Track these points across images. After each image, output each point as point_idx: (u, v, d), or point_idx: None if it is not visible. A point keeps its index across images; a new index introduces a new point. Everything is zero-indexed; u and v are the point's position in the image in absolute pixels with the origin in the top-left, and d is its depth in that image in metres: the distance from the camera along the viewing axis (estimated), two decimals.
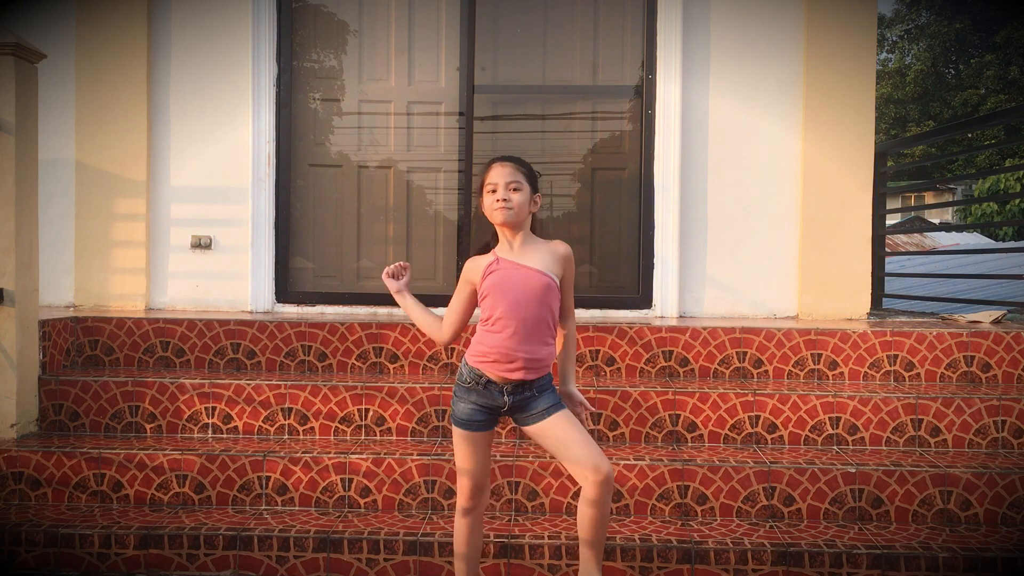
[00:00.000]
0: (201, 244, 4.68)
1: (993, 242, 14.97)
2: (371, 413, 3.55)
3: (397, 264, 2.74)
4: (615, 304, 4.68)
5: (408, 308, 2.70)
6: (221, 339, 3.90)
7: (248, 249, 4.67)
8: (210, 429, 3.57)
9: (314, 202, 4.85)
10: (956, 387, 3.69)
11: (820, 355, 3.80)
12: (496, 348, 2.46)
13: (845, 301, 4.54)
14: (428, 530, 3.02)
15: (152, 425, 3.57)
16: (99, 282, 4.60)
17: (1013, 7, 26.78)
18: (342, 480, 3.26)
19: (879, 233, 5.38)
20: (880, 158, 5.31)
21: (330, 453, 3.29)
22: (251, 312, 4.59)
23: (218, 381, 3.59)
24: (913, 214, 20.56)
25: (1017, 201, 16.77)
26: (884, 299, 5.60)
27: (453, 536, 2.68)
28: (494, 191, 2.49)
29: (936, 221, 21.67)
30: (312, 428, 3.56)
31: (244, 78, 4.67)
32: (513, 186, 2.49)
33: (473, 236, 4.76)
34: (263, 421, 3.56)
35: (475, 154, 4.75)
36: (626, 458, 3.24)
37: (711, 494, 3.20)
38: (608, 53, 4.81)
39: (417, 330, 3.84)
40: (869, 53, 4.57)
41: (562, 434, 2.47)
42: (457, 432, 2.55)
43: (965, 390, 3.61)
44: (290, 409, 3.56)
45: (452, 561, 2.91)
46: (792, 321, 4.36)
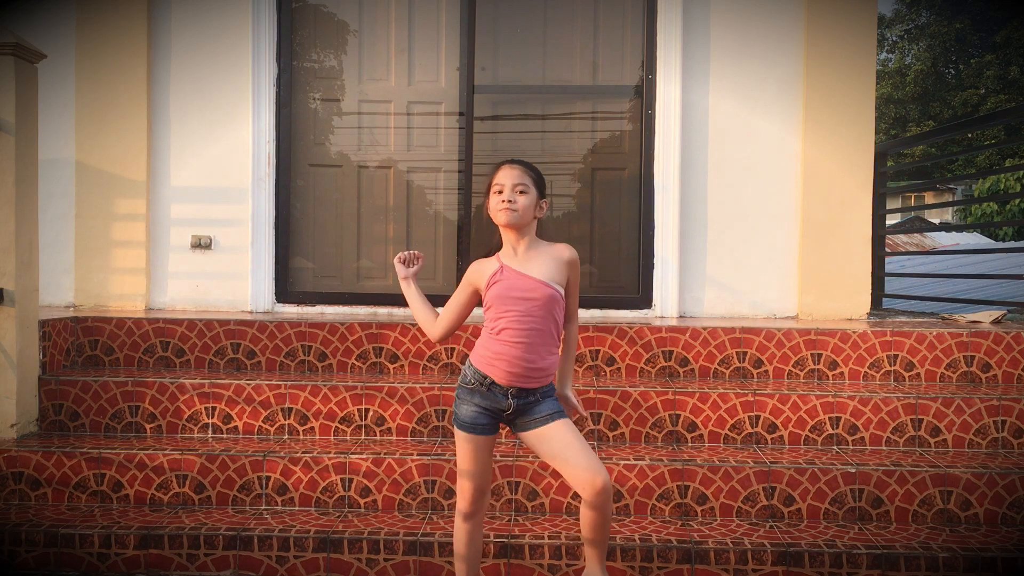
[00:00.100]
0: (201, 244, 4.68)
1: (993, 242, 14.97)
2: (371, 413, 3.55)
3: (412, 252, 2.73)
4: (615, 304, 4.68)
5: (410, 296, 2.70)
6: (221, 339, 3.90)
7: (248, 249, 4.67)
8: (210, 429, 3.57)
9: (314, 202, 4.85)
10: (956, 387, 3.69)
11: (820, 355, 3.80)
12: (501, 355, 2.46)
13: (845, 301, 4.54)
14: (428, 530, 3.02)
15: (152, 425, 3.58)
16: (99, 282, 4.60)
17: (1013, 7, 26.78)
18: (342, 480, 3.26)
19: (879, 233, 5.38)
20: (880, 158, 5.31)
21: (330, 453, 3.29)
22: (251, 312, 4.59)
23: (218, 381, 3.59)
24: (913, 214, 20.56)
25: (1017, 201, 16.76)
26: (884, 299, 5.60)
27: (453, 537, 2.67)
28: (500, 192, 2.49)
29: (936, 221, 21.67)
30: (312, 428, 3.56)
31: (244, 78, 4.67)
32: (520, 188, 2.48)
33: (473, 236, 4.76)
34: (263, 421, 3.56)
35: (475, 154, 4.75)
36: (626, 458, 3.24)
37: (711, 494, 3.20)
38: (608, 53, 4.81)
39: (418, 329, 3.84)
40: (869, 53, 4.57)
41: (561, 443, 2.44)
42: (460, 435, 2.53)
43: (965, 390, 3.61)
44: (290, 409, 3.56)
45: (452, 561, 2.91)
46: (792, 321, 4.36)
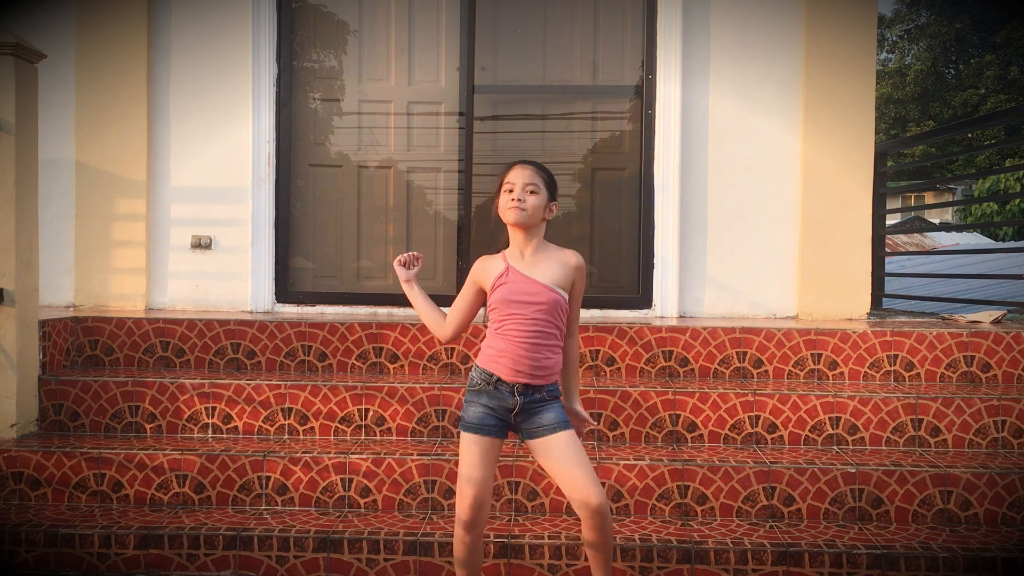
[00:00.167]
0: (201, 244, 4.68)
1: (993, 242, 14.97)
2: (371, 413, 3.55)
3: (411, 253, 2.71)
4: (615, 304, 4.68)
5: (415, 300, 2.68)
6: (221, 339, 3.90)
7: (248, 249, 4.67)
8: (210, 429, 3.57)
9: (314, 202, 4.85)
10: (956, 387, 3.69)
11: (820, 355, 3.80)
12: (504, 352, 2.47)
13: (845, 301, 4.54)
14: (428, 530, 3.02)
15: (152, 425, 3.57)
16: (99, 282, 4.60)
17: (1013, 7, 26.78)
18: (342, 480, 3.26)
19: (879, 233, 5.38)
20: (880, 158, 5.31)
21: (330, 453, 3.29)
22: (251, 312, 4.59)
23: (218, 381, 3.59)
24: (913, 214, 20.56)
25: (1017, 201, 16.77)
26: (884, 299, 5.60)
27: (453, 544, 2.59)
28: (511, 191, 2.48)
29: (936, 221, 21.67)
30: (312, 428, 3.56)
31: (244, 78, 4.67)
32: (530, 188, 2.48)
33: (473, 236, 4.76)
34: (263, 421, 3.56)
35: (475, 154, 4.75)
36: (626, 458, 3.24)
37: (711, 494, 3.20)
38: (608, 53, 4.81)
39: (418, 329, 3.84)
40: (869, 53, 4.57)
41: (563, 457, 2.43)
42: (465, 437, 2.50)
43: (965, 390, 3.61)
44: (290, 409, 3.56)
45: (452, 561, 2.91)
46: (792, 321, 4.36)
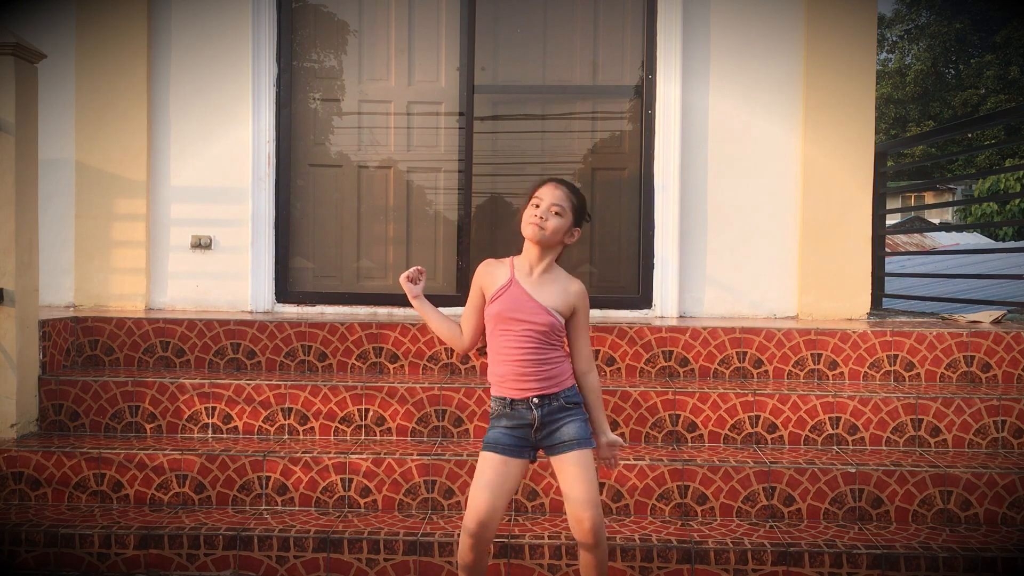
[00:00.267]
0: (201, 244, 4.68)
1: (993, 242, 14.97)
2: (371, 413, 3.55)
3: (416, 268, 2.67)
4: (615, 304, 4.67)
5: (427, 315, 2.64)
6: (221, 339, 3.90)
7: (248, 249, 4.67)
8: (210, 429, 3.57)
9: (314, 202, 4.85)
10: (956, 387, 3.69)
11: (820, 355, 3.80)
12: (505, 376, 2.47)
13: (845, 301, 4.54)
14: (428, 530, 3.02)
15: (152, 425, 3.57)
16: (99, 282, 4.60)
17: (1013, 7, 26.79)
18: (342, 480, 3.26)
19: (879, 233, 5.38)
20: (880, 158, 5.31)
21: (330, 453, 3.29)
22: (251, 312, 4.59)
23: (218, 381, 3.59)
24: (913, 214, 20.56)
25: (1017, 201, 16.77)
26: (884, 299, 5.59)
27: (458, 548, 2.52)
28: (537, 206, 2.47)
29: (936, 221, 21.67)
30: (312, 428, 3.56)
31: (244, 78, 4.67)
32: (556, 209, 2.46)
33: (473, 236, 4.76)
34: (263, 421, 3.56)
35: (475, 154, 4.75)
36: (626, 458, 3.24)
37: (711, 494, 3.20)
38: (608, 53, 4.81)
39: (418, 329, 3.84)
40: (869, 53, 4.57)
41: (570, 475, 2.43)
42: (481, 455, 2.49)
43: (965, 390, 3.61)
44: (290, 409, 3.56)
45: (452, 561, 2.91)
46: (792, 321, 4.36)
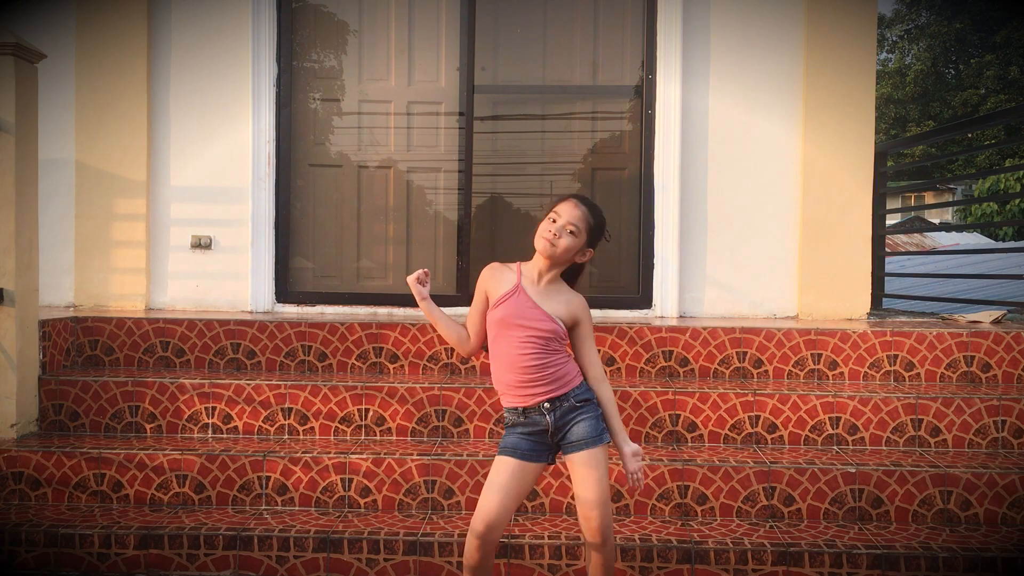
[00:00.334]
0: (201, 244, 4.68)
1: (993, 242, 14.97)
2: (371, 413, 3.55)
3: (423, 271, 2.64)
4: (615, 304, 4.67)
5: (434, 318, 2.63)
6: (221, 339, 3.90)
7: (248, 249, 4.66)
8: (210, 429, 3.57)
9: (314, 202, 4.85)
10: (956, 387, 3.69)
11: (820, 355, 3.80)
12: (512, 383, 2.47)
13: (845, 301, 4.54)
14: (428, 530, 3.02)
15: (152, 425, 3.57)
16: (99, 282, 4.60)
17: (1013, 7, 26.79)
18: (342, 480, 3.26)
19: (879, 233, 5.38)
20: (880, 158, 5.31)
21: (330, 453, 3.29)
22: (251, 312, 4.59)
23: (218, 381, 3.59)
24: (913, 214, 20.56)
25: (1017, 201, 16.77)
26: (884, 299, 5.60)
27: (464, 548, 2.51)
28: (554, 221, 2.47)
29: (936, 221, 21.67)
30: (312, 428, 3.56)
31: (244, 78, 4.67)
32: (571, 228, 2.46)
33: (473, 236, 4.76)
34: (263, 421, 3.56)
35: (475, 154, 4.75)
36: None
37: (711, 494, 3.20)
38: (608, 53, 4.81)
39: (418, 329, 3.84)
40: (869, 53, 4.57)
41: (578, 474, 2.45)
42: (496, 459, 2.49)
43: (965, 390, 3.61)
44: (290, 409, 3.56)
45: (452, 561, 2.92)
46: (792, 321, 4.36)
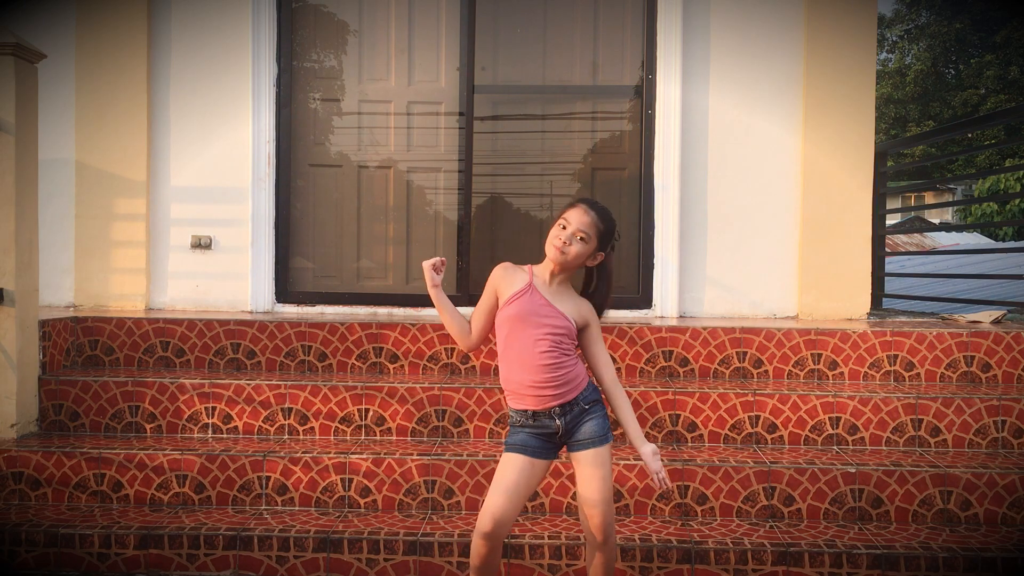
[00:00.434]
0: (201, 244, 4.68)
1: (993, 242, 14.97)
2: (371, 413, 3.55)
3: (440, 259, 2.61)
4: (615, 304, 4.61)
5: (441, 306, 2.60)
6: (221, 339, 3.90)
7: (248, 249, 4.66)
8: (210, 429, 3.57)
9: (314, 202, 4.85)
10: (956, 387, 3.69)
11: (820, 355, 3.80)
12: (525, 385, 2.44)
13: (845, 301, 4.54)
14: (428, 530, 3.02)
15: (152, 425, 3.57)
16: (99, 282, 4.60)
17: (1013, 7, 26.78)
18: (342, 480, 3.26)
19: (879, 233, 5.38)
20: (880, 158, 5.31)
21: (330, 453, 3.29)
22: (251, 312, 4.59)
23: (218, 381, 3.59)
24: (913, 214, 20.56)
25: (1017, 201, 16.78)
26: (884, 299, 5.60)
27: (470, 550, 2.51)
28: (564, 228, 2.46)
29: (936, 221, 21.67)
30: (312, 428, 3.56)
31: (244, 78, 4.67)
32: (581, 235, 2.45)
33: (473, 236, 4.76)
34: (263, 421, 3.56)
35: (475, 154, 4.75)
36: (626, 458, 3.24)
37: (711, 494, 3.20)
38: (608, 53, 4.81)
39: (418, 329, 3.84)
40: (869, 53, 4.57)
41: (583, 473, 2.44)
42: (504, 456, 2.47)
43: (965, 390, 3.61)
44: (290, 409, 3.56)
45: (452, 561, 2.92)
46: (792, 321, 4.36)
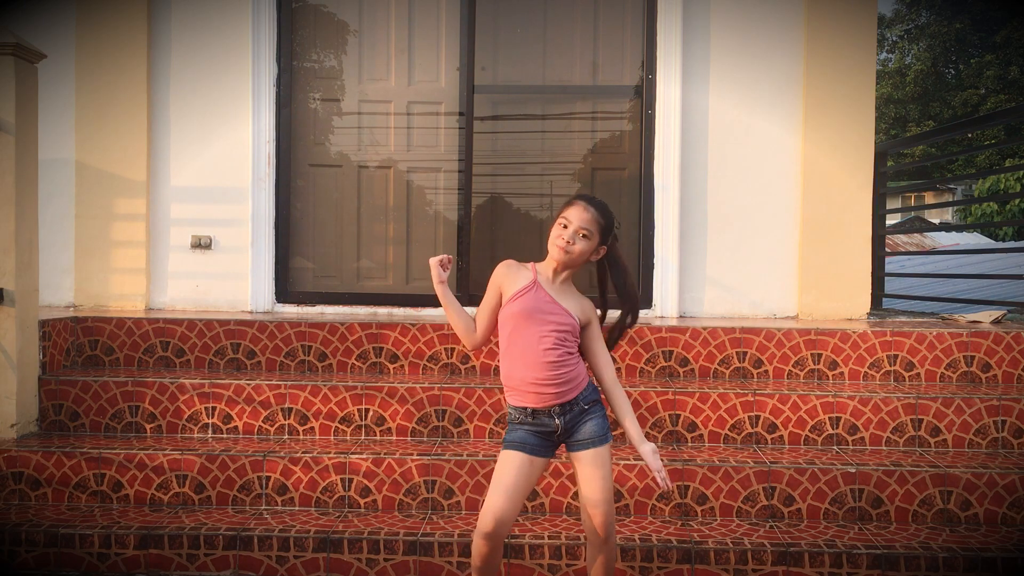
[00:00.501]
0: (201, 244, 4.68)
1: (993, 242, 14.97)
2: (371, 413, 3.55)
3: (447, 256, 2.61)
4: (614, 304, 4.65)
5: (447, 303, 2.58)
6: (221, 339, 3.90)
7: (248, 249, 4.66)
8: (210, 429, 3.57)
9: (314, 202, 4.85)
10: (956, 387, 3.69)
11: (820, 355, 3.80)
12: (526, 382, 2.43)
13: (845, 301, 4.54)
14: (428, 530, 3.02)
15: (152, 425, 3.57)
16: (99, 282, 4.60)
17: (1013, 7, 26.78)
18: (342, 480, 3.26)
19: (879, 233, 5.38)
20: (880, 158, 5.31)
21: (330, 453, 3.29)
22: (251, 312, 4.59)
23: (218, 381, 3.59)
24: (913, 214, 20.56)
25: (1017, 201, 16.78)
26: (884, 299, 5.60)
27: (472, 550, 2.50)
28: (565, 227, 2.46)
29: (936, 221, 21.67)
30: (312, 428, 3.56)
31: (244, 78, 4.67)
32: (583, 232, 2.46)
33: (473, 236, 4.76)
34: (263, 421, 3.56)
35: (475, 154, 4.75)
36: (626, 458, 3.24)
37: (711, 494, 3.20)
38: (608, 53, 4.81)
39: (418, 329, 3.84)
40: (869, 53, 4.57)
41: (584, 474, 2.44)
42: (503, 453, 2.46)
43: (965, 390, 3.61)
44: (290, 409, 3.56)
45: (452, 561, 2.92)
46: (792, 321, 4.36)
